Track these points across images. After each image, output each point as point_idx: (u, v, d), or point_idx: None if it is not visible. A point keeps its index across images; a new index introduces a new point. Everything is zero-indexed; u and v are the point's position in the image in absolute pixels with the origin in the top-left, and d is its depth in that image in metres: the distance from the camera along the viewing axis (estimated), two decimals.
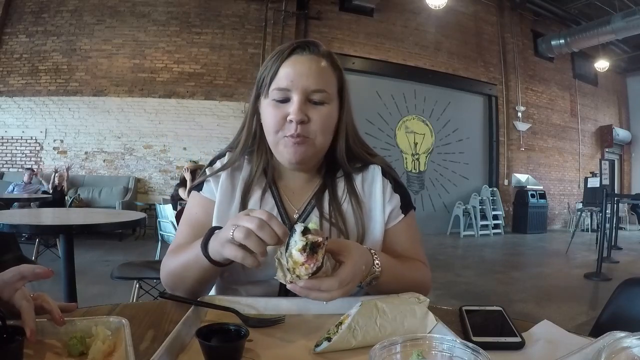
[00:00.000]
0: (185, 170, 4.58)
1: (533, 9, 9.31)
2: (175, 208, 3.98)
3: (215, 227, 0.68)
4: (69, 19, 6.78)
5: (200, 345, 0.49)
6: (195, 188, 0.86)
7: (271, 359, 0.53)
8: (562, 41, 9.14)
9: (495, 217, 8.37)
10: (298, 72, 0.74)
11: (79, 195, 6.29)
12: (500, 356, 0.53)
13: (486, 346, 0.46)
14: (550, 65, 9.93)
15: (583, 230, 8.79)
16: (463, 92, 8.72)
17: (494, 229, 8.31)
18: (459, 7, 8.31)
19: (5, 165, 6.69)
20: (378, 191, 0.84)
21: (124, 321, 0.55)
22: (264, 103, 0.78)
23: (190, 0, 7.06)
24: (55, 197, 5.62)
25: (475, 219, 8.11)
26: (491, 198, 8.44)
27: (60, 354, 0.52)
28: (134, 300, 2.12)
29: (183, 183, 4.63)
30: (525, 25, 9.51)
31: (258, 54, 7.08)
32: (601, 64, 9.60)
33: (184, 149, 6.94)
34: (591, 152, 10.69)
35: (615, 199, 5.41)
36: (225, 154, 0.86)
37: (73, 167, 6.64)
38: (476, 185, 8.72)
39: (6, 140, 6.68)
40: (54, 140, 6.75)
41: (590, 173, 8.69)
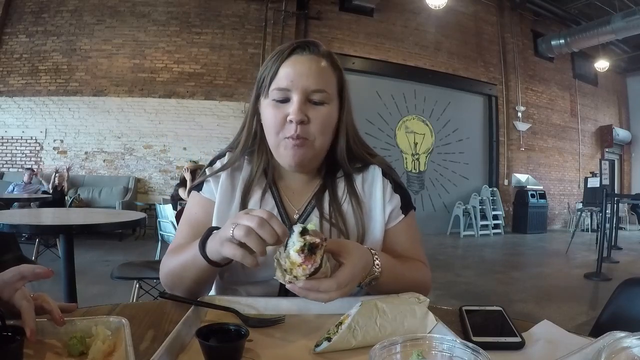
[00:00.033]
0: (185, 170, 4.58)
1: (533, 9, 9.31)
2: (175, 208, 3.97)
3: (214, 228, 0.68)
4: (69, 19, 6.78)
5: (200, 345, 0.49)
6: (195, 188, 0.86)
7: (271, 359, 0.53)
8: (562, 41, 9.14)
9: (495, 217, 8.37)
10: (298, 72, 0.74)
11: (79, 195, 6.29)
12: (500, 356, 0.53)
13: (486, 346, 0.46)
14: (550, 65, 9.92)
15: (583, 230, 8.79)
16: (463, 92, 8.72)
17: (494, 229, 8.31)
18: (459, 7, 8.31)
19: (5, 165, 6.69)
20: (378, 191, 0.84)
21: (124, 321, 0.55)
22: (264, 103, 0.78)
23: (190, 0, 7.06)
24: (55, 197, 5.62)
25: (475, 219, 8.11)
26: (491, 198, 8.44)
27: (60, 354, 0.52)
28: (134, 300, 2.12)
29: (183, 183, 4.63)
30: (525, 25, 9.50)
31: (258, 54, 7.08)
32: (601, 64, 9.60)
33: (184, 149, 6.94)
34: (591, 152, 10.69)
35: (615, 199, 5.41)
36: (225, 154, 0.86)
37: (73, 167, 6.64)
38: (476, 185, 8.72)
39: (6, 140, 6.69)
40: (54, 140, 6.75)
41: (590, 173, 8.69)
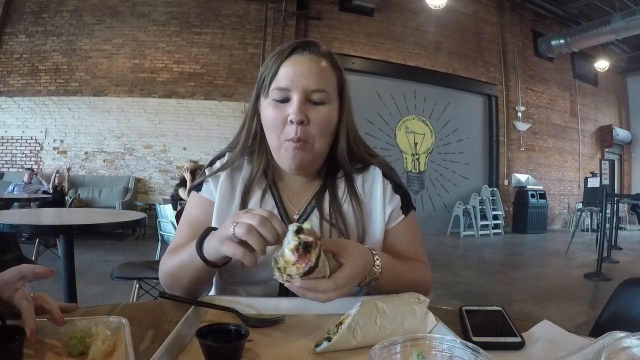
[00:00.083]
0: (185, 170, 4.57)
1: (533, 9, 9.31)
2: (175, 208, 3.97)
3: (211, 228, 0.68)
4: (69, 19, 6.78)
5: (200, 345, 0.49)
6: (194, 188, 0.86)
7: (271, 359, 0.53)
8: (562, 41, 9.14)
9: (495, 217, 8.37)
10: (298, 72, 0.74)
11: (79, 195, 6.29)
12: (500, 356, 0.53)
13: (486, 346, 0.46)
14: (550, 65, 9.92)
15: (583, 230, 8.79)
16: (463, 92, 8.72)
17: (494, 229, 8.31)
18: (459, 7, 8.31)
19: (5, 165, 6.69)
20: (378, 192, 0.84)
21: (124, 321, 0.55)
22: (264, 103, 0.78)
23: (190, 0, 7.06)
24: (55, 197, 5.62)
25: (475, 219, 8.11)
26: (491, 198, 8.44)
27: (60, 354, 0.52)
28: (134, 300, 2.12)
29: (183, 183, 4.63)
30: (525, 25, 9.50)
31: (258, 54, 7.08)
32: (601, 64, 9.60)
33: (184, 149, 6.94)
34: (591, 152, 10.69)
35: (615, 199, 5.41)
36: (225, 154, 0.86)
37: (73, 167, 6.64)
38: (476, 185, 8.72)
39: (6, 140, 6.69)
40: (54, 140, 6.75)
41: (590, 173, 8.69)
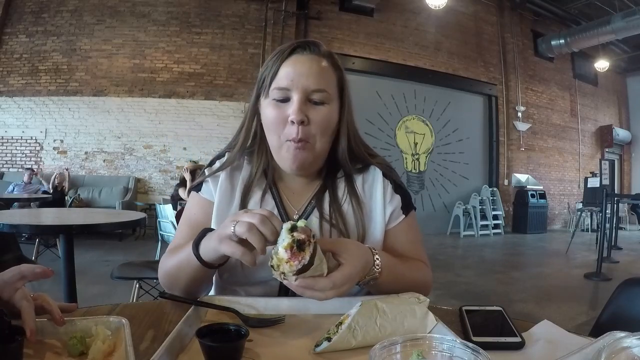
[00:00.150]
0: (185, 170, 4.57)
1: (533, 9, 9.31)
2: (175, 208, 3.97)
3: (208, 229, 0.68)
4: (69, 19, 6.78)
5: (200, 345, 0.49)
6: (194, 189, 0.86)
7: (271, 359, 0.53)
8: (562, 41, 9.14)
9: (495, 217, 8.37)
10: (298, 72, 0.74)
11: (79, 195, 6.29)
12: (500, 356, 0.53)
13: (486, 346, 0.46)
14: (550, 65, 9.92)
15: (583, 230, 8.79)
16: (463, 92, 8.72)
17: (494, 229, 8.31)
18: (459, 7, 8.31)
19: (5, 165, 6.69)
20: (379, 192, 0.84)
21: (124, 321, 0.55)
22: (264, 103, 0.78)
23: (190, 0, 7.06)
24: (55, 197, 5.62)
25: (475, 219, 8.11)
26: (491, 198, 8.44)
27: (60, 354, 0.52)
28: (134, 300, 2.12)
29: (183, 183, 4.63)
30: (525, 25, 9.50)
31: (258, 54, 7.08)
32: (601, 64, 9.60)
33: (184, 149, 6.94)
34: (591, 152, 10.69)
35: (615, 199, 5.41)
36: (224, 154, 0.86)
37: (73, 167, 6.64)
38: (476, 185, 8.72)
39: (6, 140, 6.69)
40: (54, 140, 6.75)
41: (590, 173, 8.69)
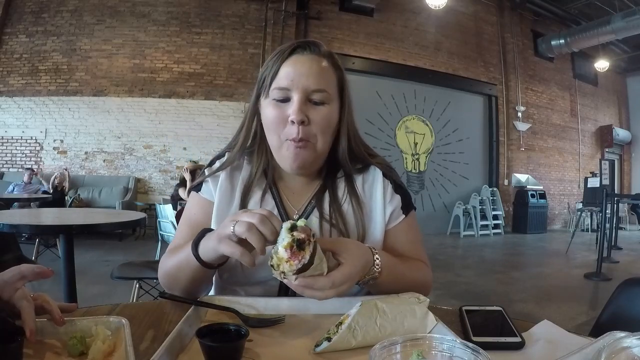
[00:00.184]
0: (185, 170, 4.57)
1: (533, 9, 9.30)
2: (175, 208, 3.97)
3: (207, 229, 0.68)
4: (69, 19, 6.78)
5: (200, 345, 0.49)
6: (194, 189, 0.86)
7: (271, 359, 0.53)
8: (562, 41, 9.14)
9: (495, 217, 8.37)
10: (298, 72, 0.74)
11: (79, 195, 6.29)
12: (500, 356, 0.53)
13: (486, 346, 0.46)
14: (550, 65, 9.92)
15: (583, 230, 8.79)
16: (463, 92, 8.72)
17: (494, 229, 8.31)
18: (459, 7, 8.31)
19: (5, 165, 6.69)
20: (379, 192, 0.84)
21: (124, 321, 0.55)
22: (265, 103, 0.78)
23: (190, 0, 7.06)
24: (55, 197, 5.62)
25: (475, 219, 8.11)
26: (491, 198, 8.44)
27: (60, 354, 0.52)
28: (134, 300, 2.12)
29: (183, 183, 4.63)
30: (525, 25, 9.50)
31: (258, 54, 7.08)
32: (601, 64, 9.60)
33: (184, 149, 6.94)
34: (591, 152, 10.69)
35: (615, 199, 5.41)
36: (224, 154, 0.86)
37: (73, 167, 6.64)
38: (476, 185, 8.72)
39: (6, 140, 6.69)
40: (54, 140, 6.75)
41: (590, 173, 8.69)
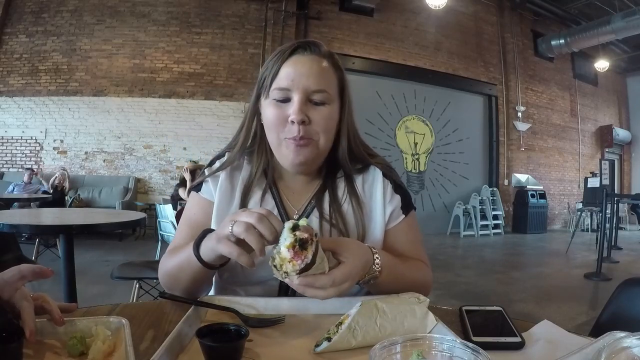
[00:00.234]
0: (185, 170, 4.57)
1: (533, 9, 9.30)
2: (175, 208, 3.97)
3: (209, 230, 0.68)
4: (69, 19, 6.78)
5: (200, 345, 0.49)
6: (194, 189, 0.86)
7: (271, 359, 0.53)
8: (562, 41, 9.14)
9: (495, 217, 8.37)
10: (299, 72, 0.74)
11: (79, 195, 6.29)
12: (500, 356, 0.53)
13: (486, 346, 0.46)
14: (550, 65, 9.92)
15: (583, 230, 8.79)
16: (463, 92, 8.72)
17: (494, 229, 8.31)
18: (459, 7, 8.31)
19: (5, 165, 6.69)
20: (378, 192, 0.84)
21: (124, 321, 0.55)
22: (265, 103, 0.78)
23: (190, 0, 7.06)
24: (55, 197, 5.62)
25: (475, 219, 8.11)
26: (491, 198, 8.44)
27: (60, 354, 0.52)
28: (134, 300, 2.12)
29: (183, 183, 4.63)
30: (525, 25, 9.50)
31: (258, 54, 7.08)
32: (601, 64, 9.60)
33: (184, 149, 6.94)
34: (591, 152, 10.69)
35: (615, 199, 5.41)
36: (224, 154, 0.86)
37: (73, 167, 6.64)
38: (476, 185, 8.72)
39: (6, 140, 6.68)
40: (54, 140, 6.75)
41: (590, 173, 8.69)
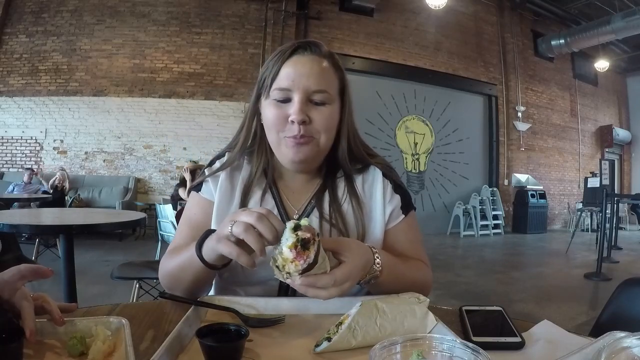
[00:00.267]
0: (185, 170, 4.57)
1: (533, 9, 9.31)
2: (175, 208, 3.97)
3: (211, 230, 0.68)
4: (69, 19, 6.78)
5: (200, 345, 0.49)
6: (194, 189, 0.86)
7: (271, 359, 0.53)
8: (562, 41, 9.14)
9: (495, 217, 8.37)
10: (299, 73, 0.74)
11: (79, 195, 6.29)
12: (500, 356, 0.53)
13: (486, 346, 0.46)
14: (550, 65, 9.92)
15: (583, 230, 8.79)
16: (463, 92, 8.72)
17: (494, 229, 8.31)
18: (459, 7, 8.31)
19: (5, 165, 6.69)
20: (378, 192, 0.84)
21: (124, 321, 0.55)
22: (265, 103, 0.78)
23: (190, 0, 7.06)
24: (55, 197, 5.62)
25: (475, 219, 8.11)
26: (491, 198, 8.44)
27: (60, 354, 0.52)
28: (134, 300, 2.12)
29: (183, 183, 4.63)
30: (525, 25, 9.50)
31: (258, 54, 7.08)
32: (601, 64, 9.60)
33: (184, 149, 6.94)
34: (591, 152, 10.69)
35: (615, 199, 5.41)
36: (224, 154, 0.86)
37: (73, 167, 6.64)
38: (476, 185, 8.72)
39: (6, 140, 6.69)
40: (54, 140, 6.75)
41: (590, 173, 8.69)
